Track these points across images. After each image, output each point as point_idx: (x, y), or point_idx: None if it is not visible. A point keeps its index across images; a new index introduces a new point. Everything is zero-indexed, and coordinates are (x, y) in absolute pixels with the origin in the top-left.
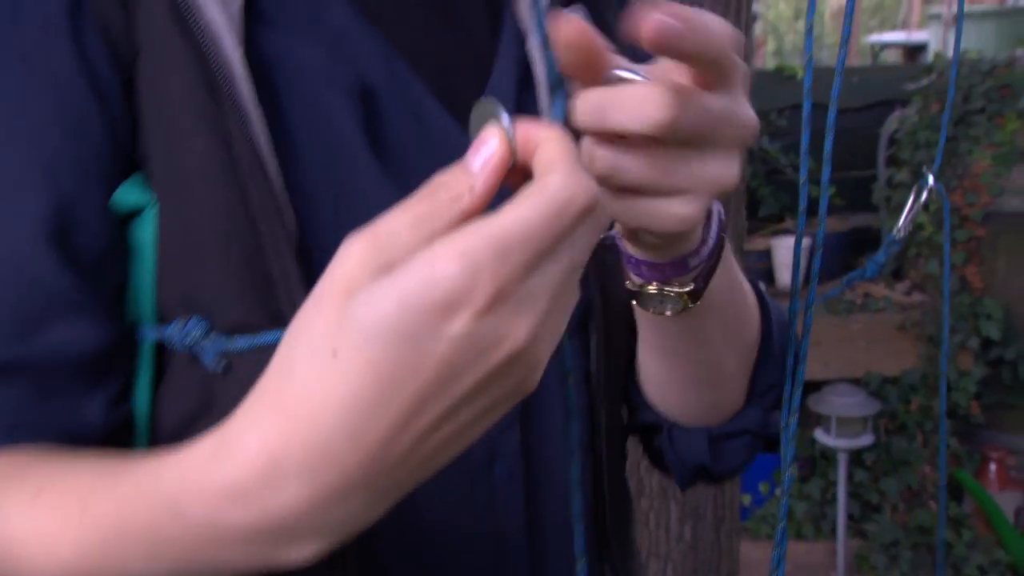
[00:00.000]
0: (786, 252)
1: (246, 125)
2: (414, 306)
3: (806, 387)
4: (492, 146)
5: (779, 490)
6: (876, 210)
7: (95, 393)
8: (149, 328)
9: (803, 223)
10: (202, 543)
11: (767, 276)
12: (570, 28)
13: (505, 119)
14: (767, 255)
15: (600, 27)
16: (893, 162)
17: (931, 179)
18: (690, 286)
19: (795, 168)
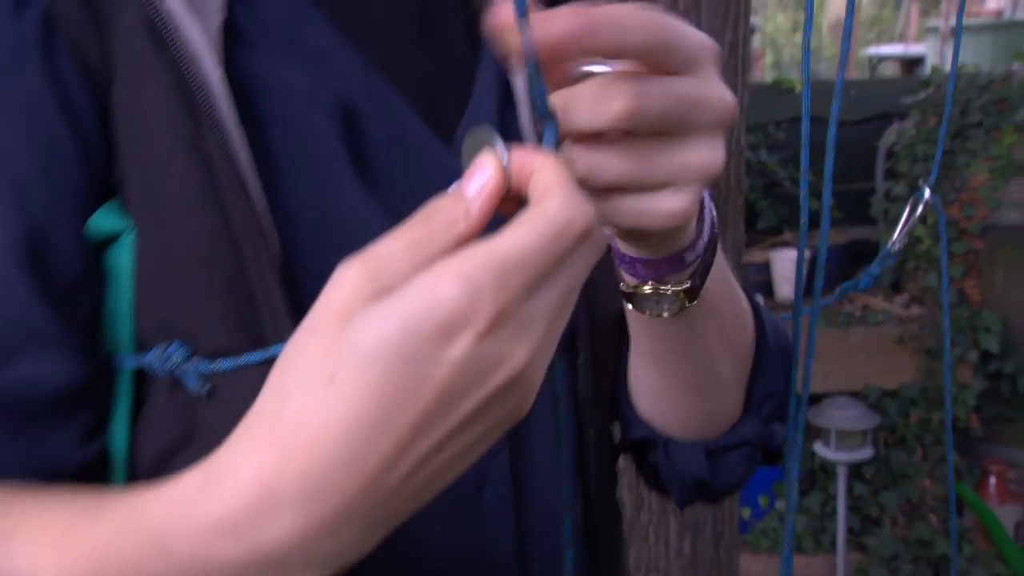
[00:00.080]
0: (785, 265)
1: (227, 146)
2: (415, 328)
3: (808, 400)
4: (487, 172)
5: (779, 503)
6: (875, 223)
7: (67, 428)
8: (127, 356)
9: (804, 236)
10: None
11: (766, 289)
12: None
13: (500, 146)
14: (766, 268)
15: None
16: (891, 175)
17: (927, 193)
18: (687, 283)
19: (794, 181)
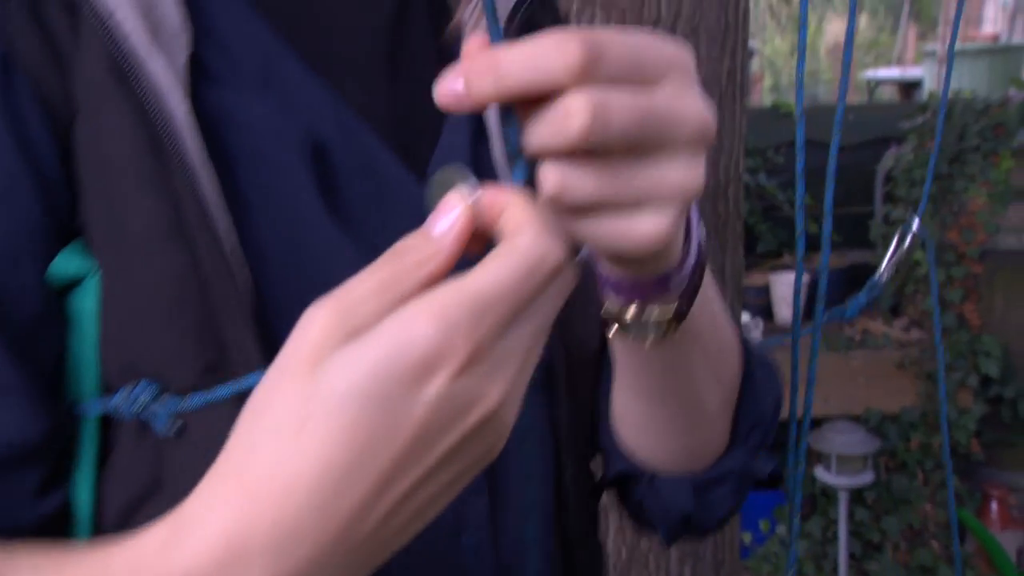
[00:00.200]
0: (785, 288)
1: (194, 184)
2: (388, 370)
3: (791, 421)
4: (456, 211)
5: (780, 528)
6: (873, 247)
7: (23, 482)
8: (92, 402)
9: (800, 261)
10: None
11: (766, 312)
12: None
13: (470, 184)
14: (766, 291)
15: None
16: (890, 199)
17: (915, 223)
18: (672, 307)
19: (793, 204)
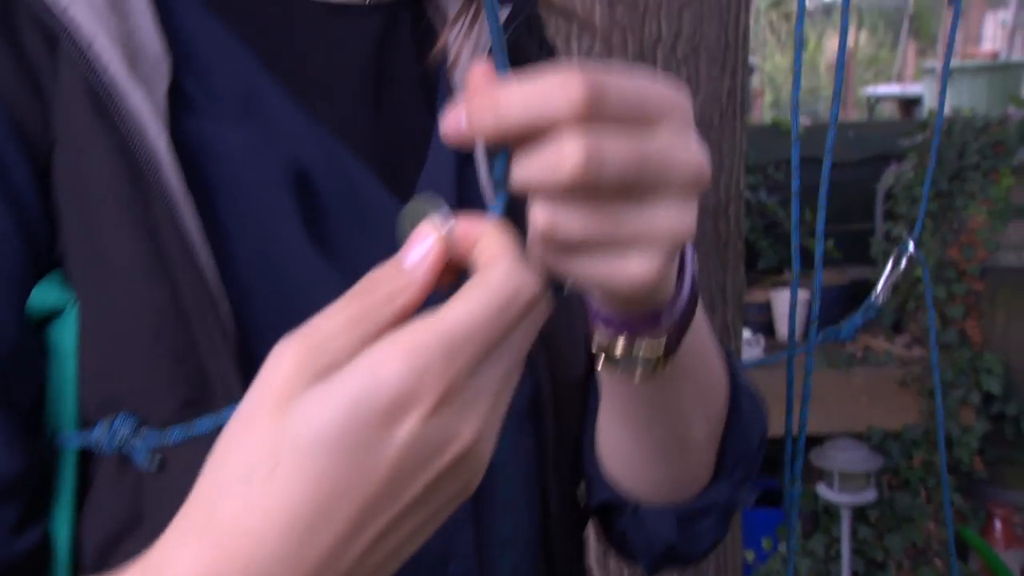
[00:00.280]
0: (786, 304)
1: (175, 216)
2: (359, 412)
3: (808, 441)
4: (428, 243)
5: (782, 545)
6: (874, 263)
7: (0, 518)
8: (71, 435)
9: (797, 278)
10: None
11: (767, 328)
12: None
13: (442, 214)
14: (767, 307)
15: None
16: (890, 216)
17: (911, 245)
18: (661, 343)
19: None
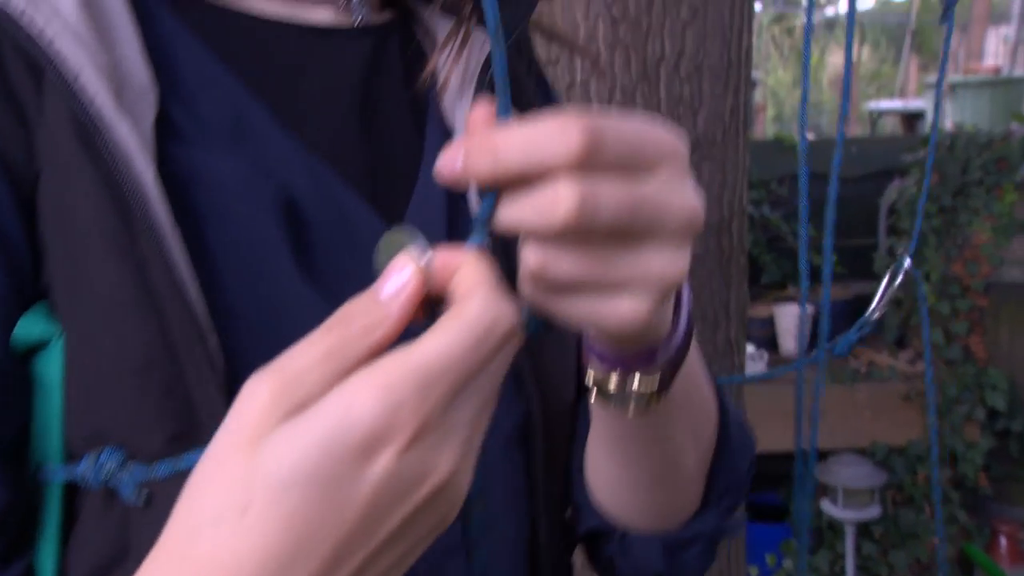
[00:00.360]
0: (789, 319)
1: (162, 249)
2: (332, 449)
3: (797, 454)
4: (406, 274)
5: (787, 561)
6: (878, 278)
7: None
8: (57, 468)
9: (805, 293)
10: None
11: (770, 343)
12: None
13: (420, 246)
14: (770, 322)
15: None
16: (893, 232)
17: (907, 262)
18: (655, 380)
19: (796, 236)
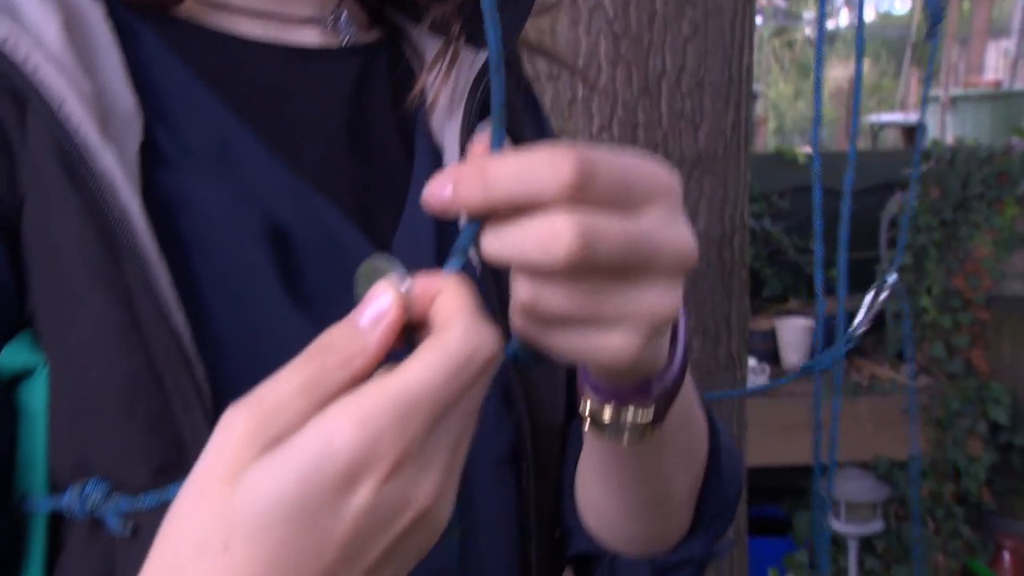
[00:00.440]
0: (791, 333)
1: (148, 279)
2: (312, 481)
3: (814, 470)
4: (385, 302)
5: (789, 575)
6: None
7: None
8: (42, 499)
9: (822, 304)
10: None
11: (772, 356)
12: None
13: (399, 274)
14: (772, 335)
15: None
16: (895, 244)
17: (892, 277)
18: (650, 411)
19: (798, 249)
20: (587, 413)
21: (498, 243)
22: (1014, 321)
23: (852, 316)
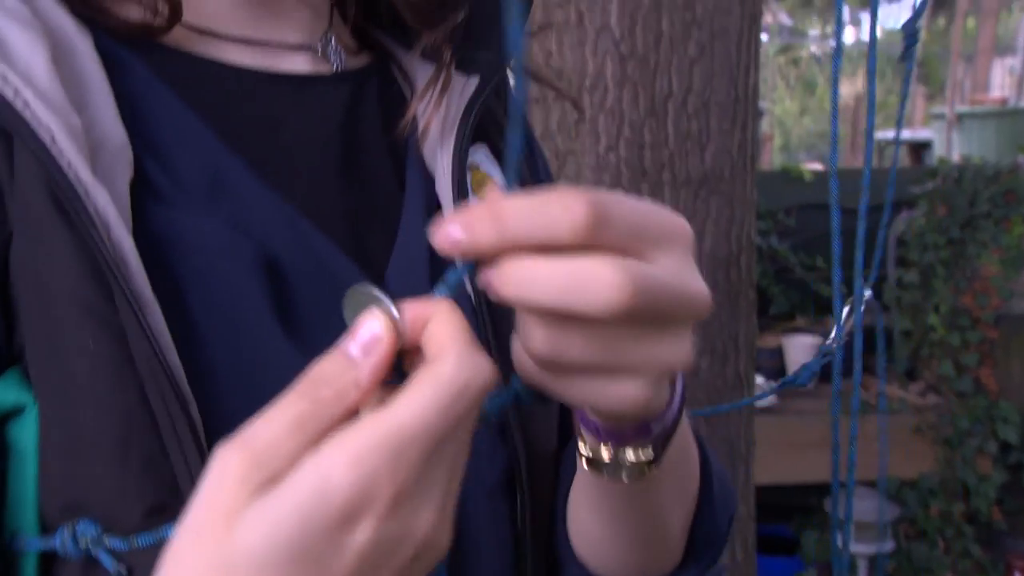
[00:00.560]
0: (798, 350)
1: (142, 319)
2: (309, 522)
3: (823, 489)
4: (377, 329)
5: None
6: (887, 309)
7: None
8: (32, 538)
9: (840, 322)
10: None
11: (779, 374)
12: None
13: (388, 303)
14: (779, 353)
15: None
16: (902, 263)
17: (868, 293)
18: (649, 451)
19: (804, 267)
20: (585, 454)
21: (523, 286)
22: (1023, 340)
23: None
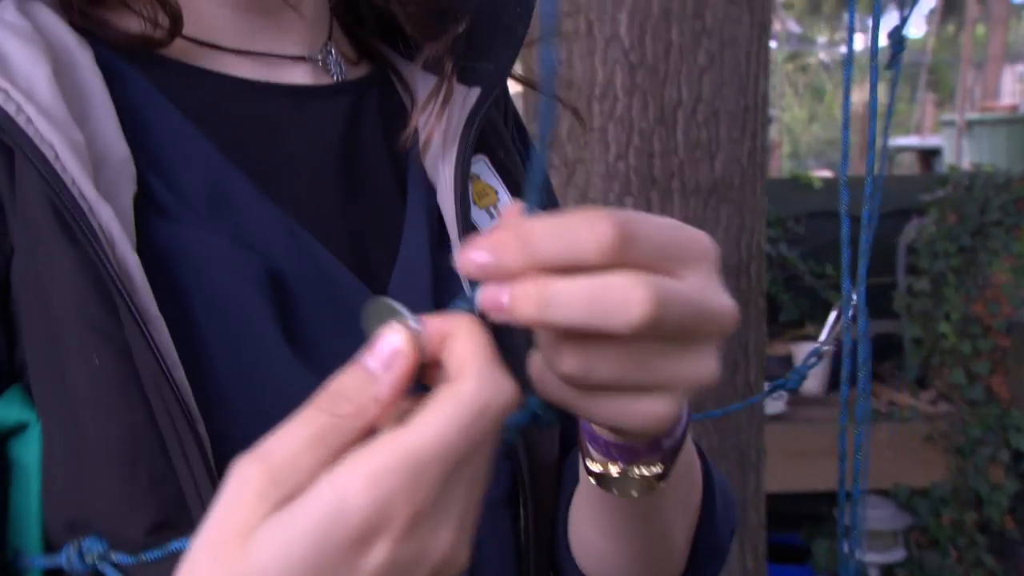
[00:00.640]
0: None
1: (148, 336)
2: (326, 541)
3: (833, 498)
4: (398, 342)
5: None
6: (897, 316)
7: None
8: (36, 556)
9: (848, 332)
10: None
11: None
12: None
13: (409, 317)
14: (788, 361)
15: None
16: (912, 271)
17: (855, 297)
18: (658, 467)
19: (814, 274)
20: (594, 470)
21: (548, 307)
22: None
23: (871, 341)
